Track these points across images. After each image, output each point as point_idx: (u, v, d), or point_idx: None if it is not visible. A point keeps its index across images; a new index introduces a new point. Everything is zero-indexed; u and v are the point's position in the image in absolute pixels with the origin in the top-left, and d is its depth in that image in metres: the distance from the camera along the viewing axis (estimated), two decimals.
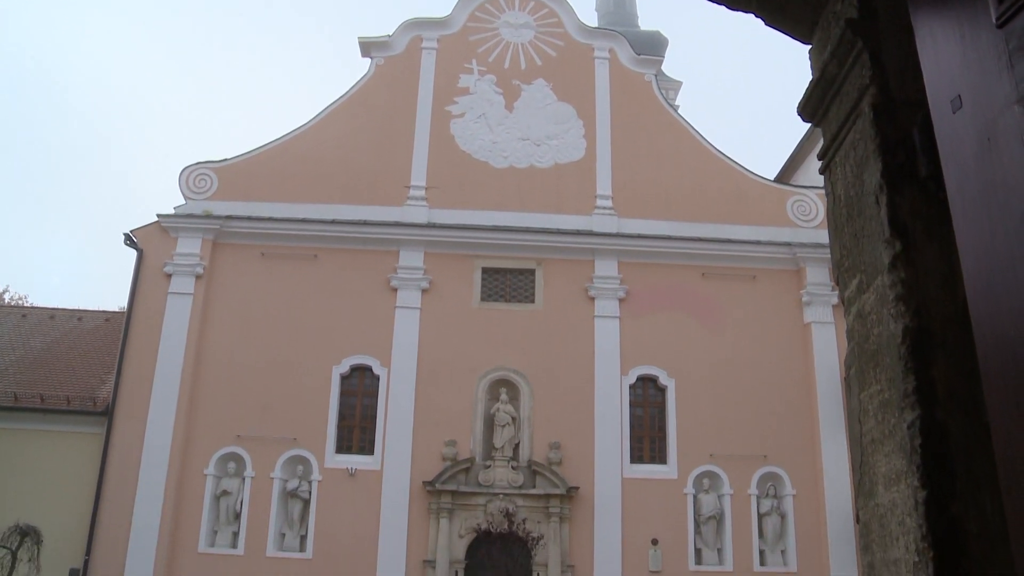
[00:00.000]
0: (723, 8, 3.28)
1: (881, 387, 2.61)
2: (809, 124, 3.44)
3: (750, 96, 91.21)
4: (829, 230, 3.18)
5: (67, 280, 70.26)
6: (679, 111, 28.73)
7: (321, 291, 23.69)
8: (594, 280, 24.08)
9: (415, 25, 26.62)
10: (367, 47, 26.35)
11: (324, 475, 22.41)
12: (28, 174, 72.56)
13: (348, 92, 25.93)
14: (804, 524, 22.48)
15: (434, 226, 24.27)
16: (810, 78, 3.26)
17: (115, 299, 79.13)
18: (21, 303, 37.60)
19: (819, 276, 23.84)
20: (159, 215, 23.89)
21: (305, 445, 22.58)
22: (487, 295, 24.14)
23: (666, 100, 27.24)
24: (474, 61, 26.28)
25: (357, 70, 52.61)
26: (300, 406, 22.78)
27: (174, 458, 22.01)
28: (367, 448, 22.84)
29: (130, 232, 23.75)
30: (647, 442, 23.36)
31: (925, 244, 2.52)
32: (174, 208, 24.15)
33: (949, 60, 2.16)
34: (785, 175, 29.02)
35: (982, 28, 2.00)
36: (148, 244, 23.73)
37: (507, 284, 24.30)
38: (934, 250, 2.49)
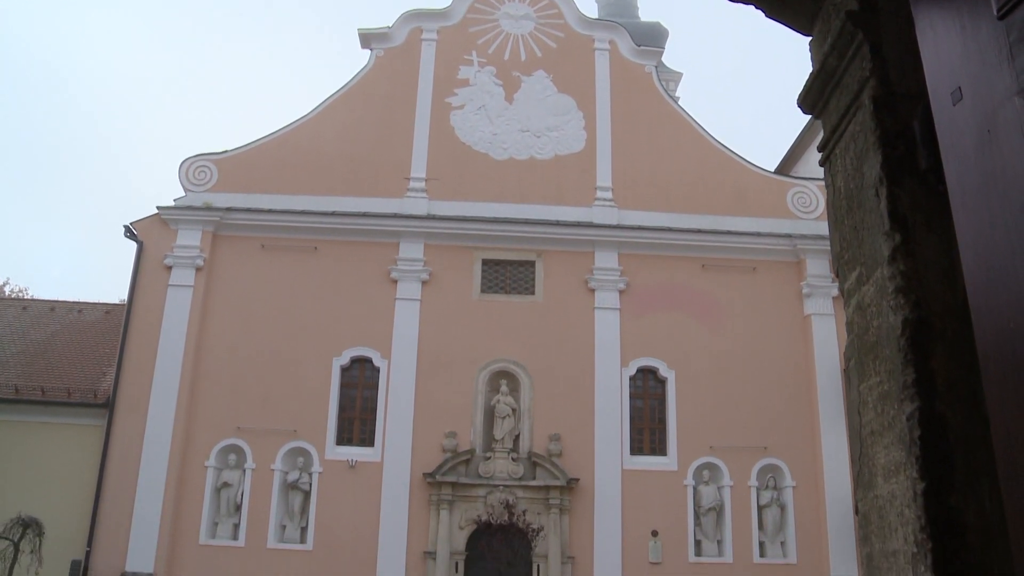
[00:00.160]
0: (724, 0, 3.27)
1: (880, 379, 2.62)
2: (809, 116, 3.43)
3: (750, 88, 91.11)
4: (829, 222, 3.18)
5: (67, 272, 70.33)
6: (679, 103, 28.67)
7: (321, 283, 23.70)
8: (594, 272, 24.08)
9: (415, 16, 26.57)
10: (367, 39, 26.30)
11: (324, 467, 22.45)
12: (28, 166, 72.54)
13: (348, 84, 25.90)
14: (804, 516, 22.53)
15: (434, 218, 24.27)
16: (810, 70, 3.26)
17: (115, 291, 79.17)
18: (21, 295, 37.58)
19: (819, 268, 23.85)
20: (159, 207, 23.88)
21: (305, 437, 22.62)
22: (487, 287, 24.15)
23: (666, 92, 27.20)
24: (474, 53, 26.24)
25: (357, 62, 52.52)
26: (300, 398, 22.82)
27: (175, 450, 22.05)
28: (367, 440, 22.88)
29: (130, 224, 23.75)
30: (647, 434, 23.40)
31: (925, 236, 2.52)
32: (174, 200, 24.14)
33: (949, 52, 2.16)
34: (785, 167, 28.99)
35: (983, 20, 1.99)
36: (148, 236, 23.73)
37: (507, 276, 24.30)
38: (934, 242, 2.50)
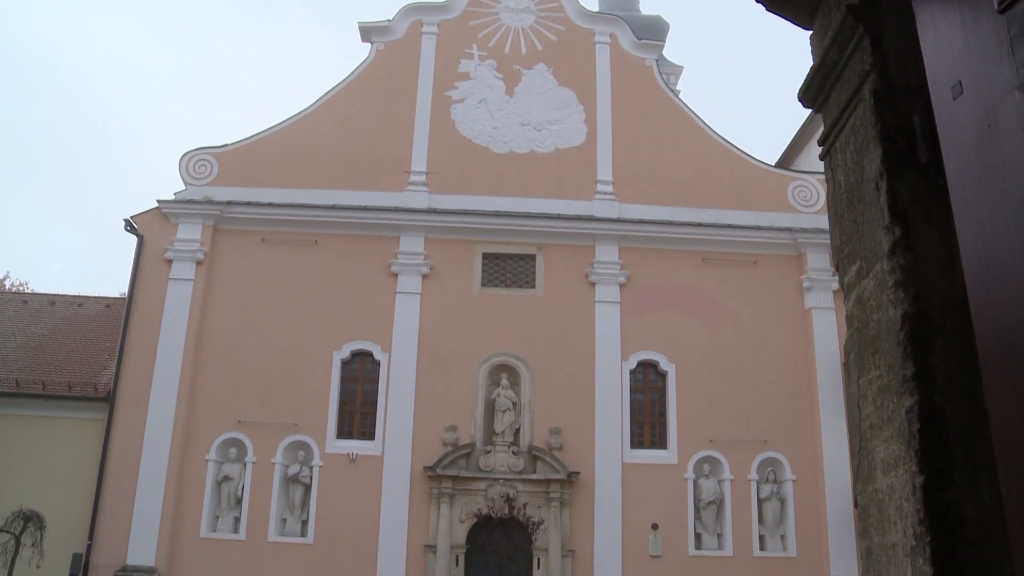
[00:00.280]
0: None
1: (880, 373, 2.62)
2: (810, 110, 3.43)
3: (751, 81, 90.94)
4: (829, 216, 3.18)
5: (68, 266, 70.34)
6: (680, 96, 28.64)
7: (322, 277, 23.70)
8: (594, 265, 24.08)
9: (415, 10, 26.52)
10: (367, 32, 26.26)
11: (325, 460, 22.48)
12: (28, 160, 72.49)
13: (348, 77, 25.87)
14: (804, 509, 22.57)
15: (434, 211, 24.26)
16: (811, 64, 3.26)
17: (116, 285, 79.16)
18: (22, 289, 37.61)
19: (820, 262, 23.84)
20: (159, 201, 23.87)
21: (306, 430, 22.65)
22: (488, 280, 24.16)
23: (667, 85, 27.16)
24: (474, 46, 26.20)
25: (357, 55, 52.43)
26: (301, 391, 22.84)
27: (175, 444, 22.09)
28: (368, 433, 22.91)
29: (130, 218, 23.75)
30: (647, 427, 23.42)
31: (925, 230, 2.52)
32: (174, 194, 24.13)
33: (950, 46, 2.16)
34: (786, 160, 28.98)
35: (983, 14, 1.99)
36: (148, 230, 23.73)
37: (508, 269, 24.30)
38: (934, 236, 2.50)
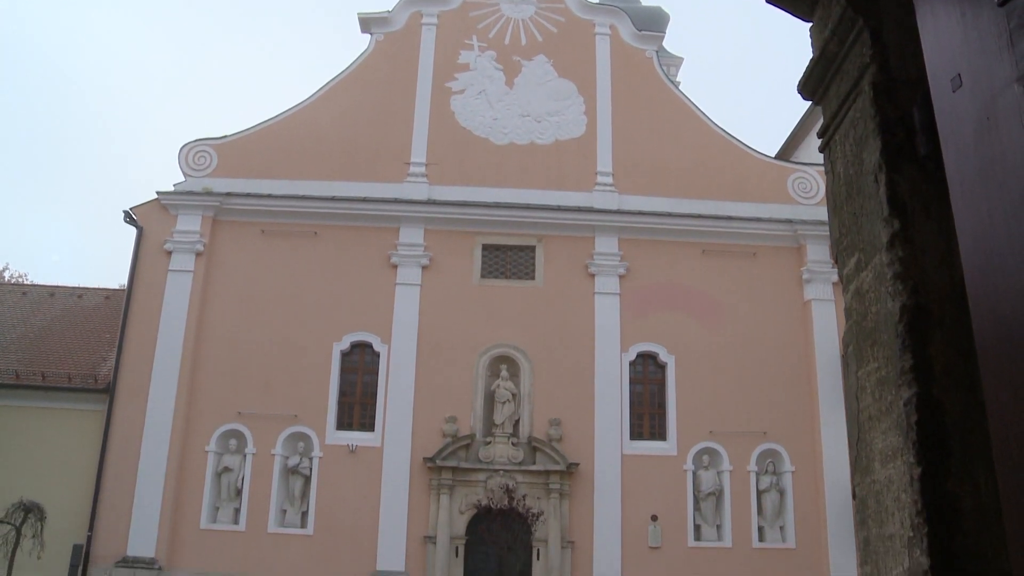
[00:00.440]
0: None
1: (879, 364, 2.63)
2: (810, 102, 3.43)
3: (752, 73, 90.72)
4: (828, 208, 3.18)
5: (67, 258, 70.32)
6: (680, 87, 28.62)
7: (321, 268, 23.70)
8: (594, 257, 24.08)
9: (415, 1, 26.45)
10: (367, 23, 26.20)
11: (325, 452, 22.52)
12: (27, 151, 72.39)
13: (348, 68, 25.82)
14: (803, 500, 22.62)
15: (434, 203, 24.24)
16: (811, 56, 3.25)
17: (115, 276, 79.10)
18: (21, 281, 37.59)
19: (820, 253, 23.83)
20: (159, 192, 23.85)
21: (306, 422, 22.68)
22: (487, 272, 24.16)
23: (667, 76, 27.12)
24: (474, 37, 26.14)
25: (357, 46, 52.28)
26: (301, 383, 22.86)
27: (175, 435, 22.12)
28: (368, 425, 22.94)
29: (130, 210, 23.72)
30: (647, 419, 23.46)
31: (923, 223, 2.52)
32: (174, 185, 24.11)
33: (949, 39, 2.16)
34: (786, 152, 28.93)
35: (983, 6, 1.99)
36: (148, 221, 23.71)
37: (507, 261, 24.30)
38: (932, 229, 2.50)
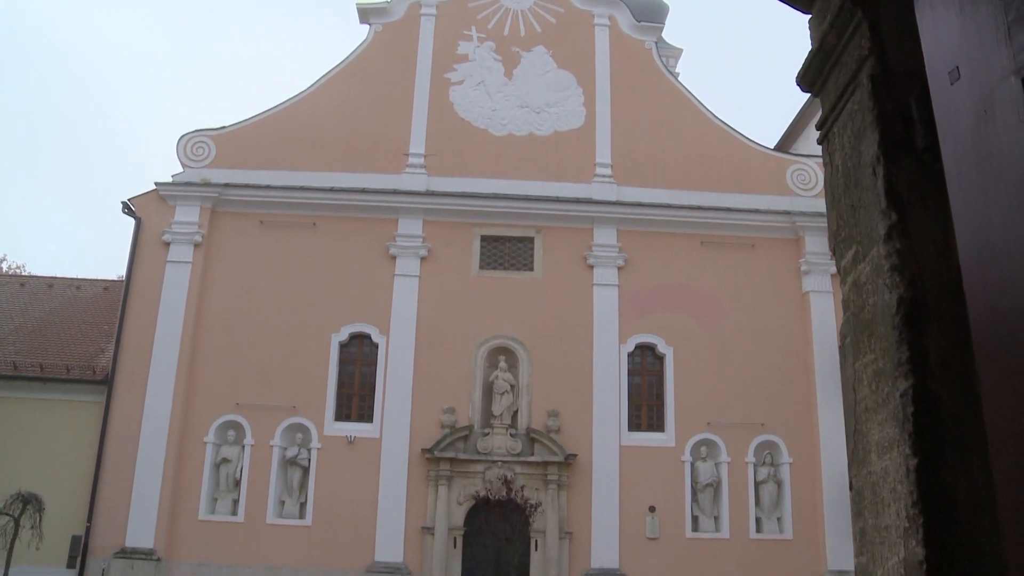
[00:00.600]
0: None
1: (875, 356, 2.64)
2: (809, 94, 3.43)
3: (751, 64, 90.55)
4: (826, 200, 3.19)
5: (65, 248, 70.18)
6: (679, 79, 28.54)
7: (320, 259, 23.69)
8: (593, 248, 24.08)
9: None
10: (365, 13, 26.13)
11: (323, 443, 22.55)
12: (25, 141, 72.25)
13: (346, 59, 25.77)
14: (800, 492, 22.67)
15: (433, 194, 24.22)
16: (810, 48, 3.25)
17: (114, 268, 79.04)
18: (19, 272, 37.56)
19: (818, 245, 23.83)
20: (157, 183, 23.81)
21: (304, 413, 22.70)
22: (486, 263, 24.16)
23: (666, 68, 27.08)
24: (473, 28, 26.08)
25: (355, 37, 52.12)
26: (299, 374, 22.88)
27: (174, 426, 22.13)
28: (366, 416, 22.97)
29: (128, 201, 23.68)
30: (645, 410, 23.49)
31: (921, 215, 2.53)
32: (172, 176, 24.08)
33: (948, 31, 2.16)
34: (785, 144, 28.93)
35: None
36: (146, 212, 23.69)
37: (506, 252, 24.30)
38: (930, 221, 2.51)
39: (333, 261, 23.72)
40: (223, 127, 24.90)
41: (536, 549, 21.82)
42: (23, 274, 34.78)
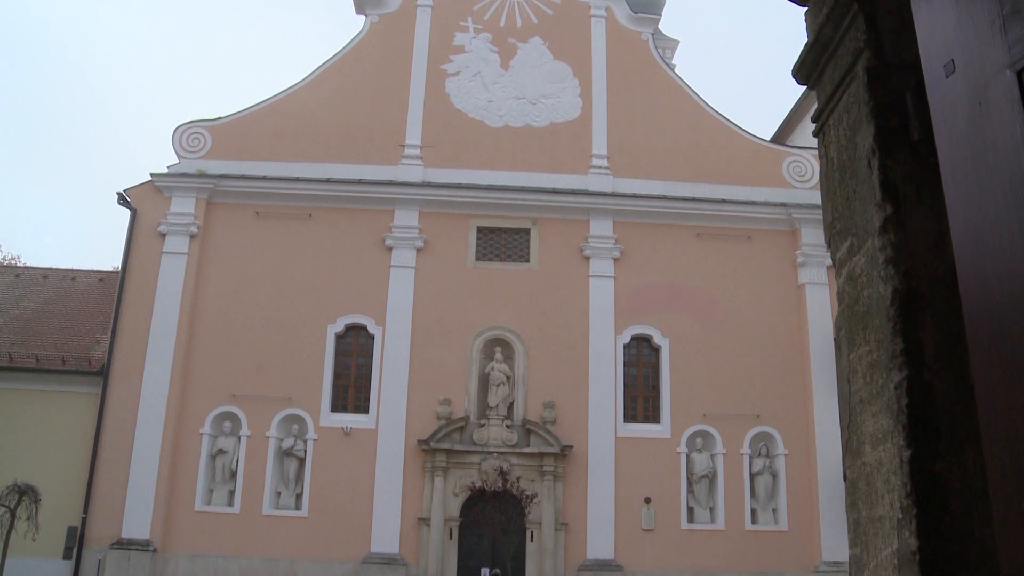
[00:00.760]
0: None
1: (870, 348, 2.65)
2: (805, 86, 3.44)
3: (747, 56, 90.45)
4: (822, 193, 3.20)
5: (60, 239, 70.00)
6: (676, 70, 28.52)
7: (316, 250, 23.67)
8: (589, 239, 24.09)
9: None
10: (361, 4, 26.05)
11: (319, 434, 22.56)
12: (20, 132, 72.00)
13: (342, 50, 25.70)
14: (795, 483, 22.74)
15: (429, 185, 24.21)
16: (806, 40, 3.26)
17: (109, 259, 78.90)
18: (14, 263, 37.46)
19: (814, 237, 23.86)
20: (152, 174, 23.77)
21: (300, 404, 22.71)
22: (482, 254, 24.16)
23: (663, 59, 27.06)
24: (470, 19, 26.02)
25: (351, 28, 51.95)
26: (295, 365, 22.88)
27: (170, 417, 22.13)
28: (362, 407, 22.98)
29: (123, 191, 23.63)
30: (640, 401, 23.54)
31: (916, 207, 2.54)
32: (168, 167, 24.02)
33: (943, 24, 2.16)
34: (781, 135, 28.93)
35: None
36: (142, 203, 23.64)
37: (502, 243, 24.30)
38: (924, 214, 2.52)
39: (329, 252, 23.70)
40: (219, 118, 24.84)
41: (532, 540, 21.87)
42: (18, 265, 34.71)
